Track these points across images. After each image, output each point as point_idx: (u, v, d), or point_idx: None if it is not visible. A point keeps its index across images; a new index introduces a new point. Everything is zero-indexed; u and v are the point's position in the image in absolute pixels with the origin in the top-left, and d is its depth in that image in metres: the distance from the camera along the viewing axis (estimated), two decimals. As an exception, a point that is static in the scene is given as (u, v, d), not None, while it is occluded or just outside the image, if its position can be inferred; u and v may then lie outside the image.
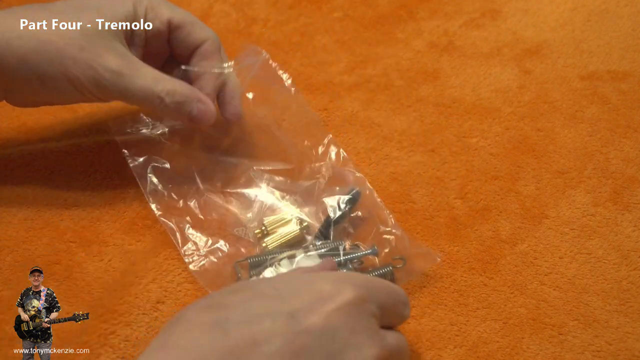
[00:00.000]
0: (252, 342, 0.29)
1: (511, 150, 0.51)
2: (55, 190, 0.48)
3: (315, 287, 0.32)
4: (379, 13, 0.65)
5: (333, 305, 0.31)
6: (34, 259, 0.43)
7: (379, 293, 0.34)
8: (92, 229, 0.45)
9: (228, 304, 0.31)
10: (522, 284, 0.42)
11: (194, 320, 0.31)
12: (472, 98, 0.55)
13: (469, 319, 0.40)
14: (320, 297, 0.31)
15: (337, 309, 0.31)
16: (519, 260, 0.44)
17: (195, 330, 0.30)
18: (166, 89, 0.42)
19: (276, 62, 0.53)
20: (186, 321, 0.31)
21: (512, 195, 0.48)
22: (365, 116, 0.54)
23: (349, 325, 0.31)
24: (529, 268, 0.43)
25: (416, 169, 0.49)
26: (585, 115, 0.54)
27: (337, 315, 0.31)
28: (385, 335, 0.33)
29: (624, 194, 0.47)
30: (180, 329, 0.30)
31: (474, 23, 0.63)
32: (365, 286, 0.33)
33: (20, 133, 0.51)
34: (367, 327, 0.32)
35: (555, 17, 0.63)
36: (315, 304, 0.31)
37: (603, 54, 0.59)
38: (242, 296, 0.32)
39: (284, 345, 0.29)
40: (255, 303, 0.31)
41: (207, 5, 0.64)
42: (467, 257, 0.44)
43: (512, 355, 0.39)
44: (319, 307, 0.31)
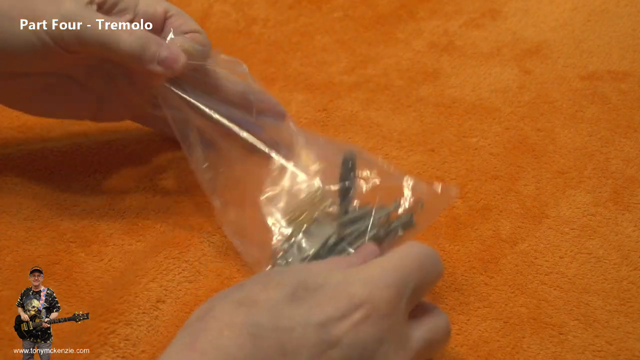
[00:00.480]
0: (280, 352, 0.29)
1: (511, 150, 0.51)
2: (55, 190, 0.48)
3: (347, 291, 0.32)
4: (379, 13, 0.65)
5: (364, 313, 0.31)
6: (34, 259, 0.43)
7: (412, 276, 0.33)
8: (92, 229, 0.45)
9: (258, 302, 0.31)
10: (523, 283, 0.42)
11: (223, 319, 0.30)
12: (472, 98, 0.55)
13: (469, 318, 0.40)
14: (351, 304, 0.31)
15: (367, 318, 0.31)
16: (520, 259, 0.44)
17: (224, 332, 0.30)
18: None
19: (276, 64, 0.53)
20: (215, 320, 0.30)
21: (513, 195, 0.48)
22: (365, 116, 0.54)
23: (377, 335, 0.31)
24: (529, 268, 0.43)
25: (416, 168, 0.49)
26: (585, 115, 0.54)
27: (368, 325, 0.31)
28: (413, 334, 0.33)
29: (624, 194, 0.47)
30: (209, 329, 0.30)
31: (474, 23, 0.63)
32: (399, 280, 0.32)
33: (20, 133, 0.51)
34: (396, 333, 0.32)
35: (555, 17, 0.63)
36: (347, 312, 0.31)
37: (603, 54, 0.59)
38: (273, 294, 0.31)
39: (312, 358, 0.30)
40: (286, 307, 0.31)
41: (207, 5, 0.64)
42: (467, 256, 0.44)
43: (513, 355, 0.39)
44: (349, 316, 0.31)
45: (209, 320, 0.30)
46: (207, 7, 0.64)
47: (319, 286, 0.32)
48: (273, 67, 0.59)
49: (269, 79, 0.58)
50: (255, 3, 0.66)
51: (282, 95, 0.56)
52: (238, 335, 0.30)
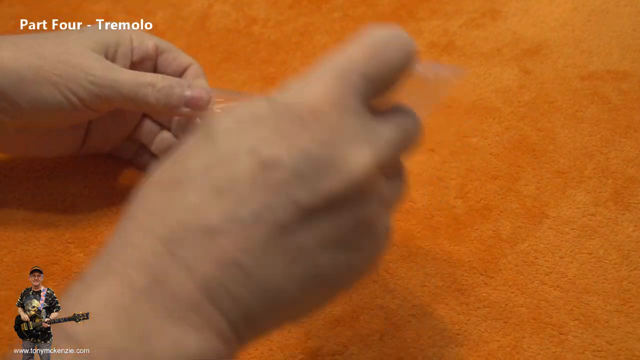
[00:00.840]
0: (214, 192, 0.25)
1: (511, 150, 0.51)
2: (53, 191, 0.48)
3: (271, 107, 0.26)
4: (379, 13, 0.65)
5: (300, 123, 0.25)
6: (32, 259, 0.43)
7: (356, 64, 0.27)
8: (91, 230, 0.45)
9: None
10: (523, 283, 0.42)
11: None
12: (472, 98, 0.55)
13: (469, 318, 0.40)
14: (282, 122, 0.26)
15: (305, 125, 0.25)
16: (520, 259, 0.44)
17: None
18: (154, 77, 0.41)
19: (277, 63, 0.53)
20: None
21: (513, 194, 0.47)
22: (365, 116, 0.54)
23: (326, 139, 0.26)
24: (529, 267, 0.43)
25: (416, 168, 0.49)
26: (585, 115, 0.53)
27: (309, 132, 0.25)
28: (377, 128, 0.27)
29: (624, 194, 0.47)
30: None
31: (474, 23, 0.63)
32: (336, 74, 0.27)
33: (19, 133, 0.51)
34: (352, 130, 0.26)
35: (555, 17, 0.63)
36: (278, 130, 0.26)
37: (603, 54, 0.59)
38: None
39: (251, 189, 0.25)
40: (209, 145, 0.26)
41: (207, 5, 0.64)
42: (467, 256, 0.44)
43: (513, 355, 0.38)
44: (283, 132, 0.26)
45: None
46: (207, 7, 0.64)
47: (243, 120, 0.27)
48: (273, 67, 0.59)
49: (268, 78, 0.58)
50: (255, 3, 0.66)
51: (282, 95, 0.56)
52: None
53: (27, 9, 0.67)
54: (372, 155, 0.26)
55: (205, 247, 0.25)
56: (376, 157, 0.27)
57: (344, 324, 0.40)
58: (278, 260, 0.26)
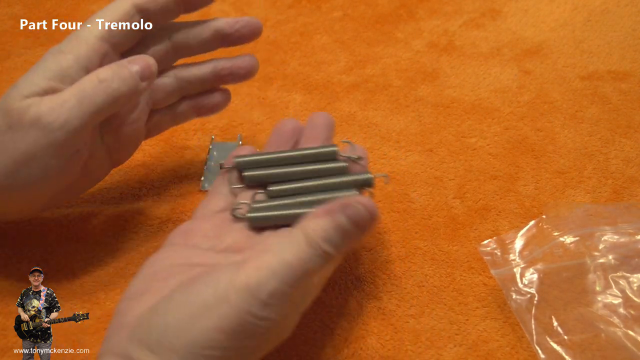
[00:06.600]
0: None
1: (510, 150, 0.51)
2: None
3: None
4: (378, 13, 0.65)
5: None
6: (32, 259, 0.43)
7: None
8: (91, 229, 0.45)
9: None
10: (522, 283, 0.42)
11: None
12: (472, 98, 0.55)
13: (468, 317, 0.40)
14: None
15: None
16: (519, 260, 0.44)
17: None
18: (94, 73, 0.38)
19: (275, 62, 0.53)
20: None
21: (512, 195, 0.48)
22: (363, 116, 0.54)
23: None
24: (528, 268, 0.43)
25: (414, 168, 0.49)
26: (585, 115, 0.54)
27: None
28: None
29: (624, 194, 0.47)
30: None
31: (474, 23, 0.63)
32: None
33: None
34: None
35: (555, 17, 0.63)
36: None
37: (603, 54, 0.59)
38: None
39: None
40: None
41: (206, 5, 0.64)
42: (466, 256, 0.44)
43: (512, 355, 0.39)
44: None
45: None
46: (207, 7, 0.64)
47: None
48: (272, 66, 0.59)
49: (267, 78, 0.58)
50: (254, 3, 0.66)
51: (281, 94, 0.56)
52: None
53: (27, 9, 0.67)
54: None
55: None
56: None
57: (342, 326, 0.40)
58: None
